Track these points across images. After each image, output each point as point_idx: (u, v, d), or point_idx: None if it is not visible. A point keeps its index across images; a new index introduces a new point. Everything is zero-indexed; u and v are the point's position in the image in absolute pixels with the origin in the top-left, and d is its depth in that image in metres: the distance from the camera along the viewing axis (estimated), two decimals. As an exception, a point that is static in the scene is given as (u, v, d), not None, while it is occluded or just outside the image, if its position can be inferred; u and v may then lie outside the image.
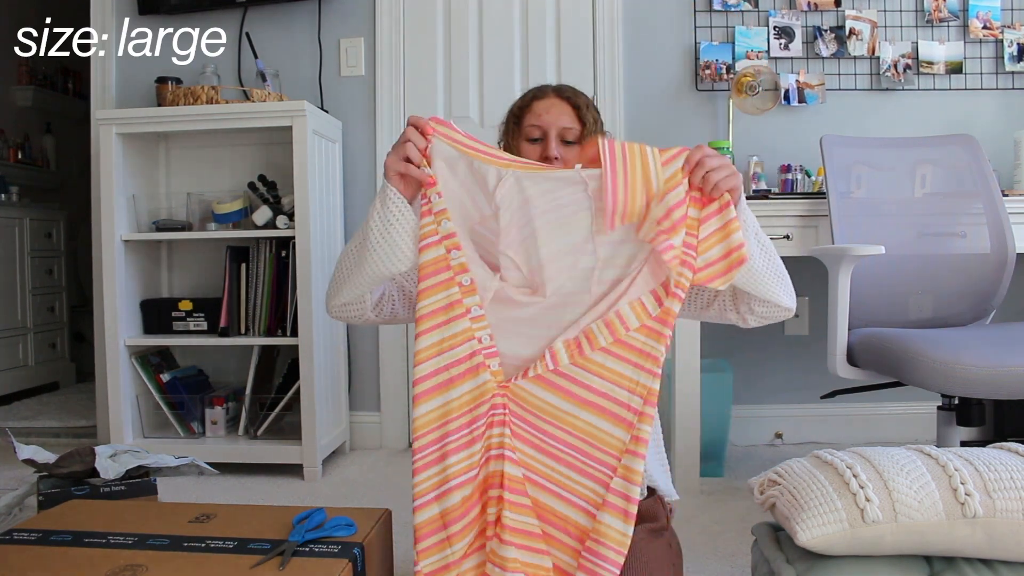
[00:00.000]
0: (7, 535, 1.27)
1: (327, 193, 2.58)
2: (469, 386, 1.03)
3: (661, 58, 2.71)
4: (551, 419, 1.03)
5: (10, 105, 4.15)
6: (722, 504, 2.10)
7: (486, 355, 1.04)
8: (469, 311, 1.04)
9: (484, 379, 1.03)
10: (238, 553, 1.16)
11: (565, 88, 1.35)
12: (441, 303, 1.04)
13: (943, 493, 0.94)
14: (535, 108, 1.32)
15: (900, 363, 1.69)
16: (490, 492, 1.03)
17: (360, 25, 2.77)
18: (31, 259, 3.83)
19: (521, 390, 1.03)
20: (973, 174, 2.10)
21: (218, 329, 2.51)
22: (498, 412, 1.04)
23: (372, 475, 2.47)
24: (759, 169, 2.54)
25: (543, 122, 1.30)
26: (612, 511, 0.99)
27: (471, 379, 1.03)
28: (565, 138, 1.30)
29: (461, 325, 1.04)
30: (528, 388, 1.03)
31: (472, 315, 1.04)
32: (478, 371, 1.03)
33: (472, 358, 1.04)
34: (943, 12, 2.64)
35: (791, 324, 2.71)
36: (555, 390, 1.02)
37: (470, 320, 1.04)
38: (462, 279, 1.05)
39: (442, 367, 1.03)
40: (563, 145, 1.30)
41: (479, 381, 1.03)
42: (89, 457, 1.74)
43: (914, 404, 2.63)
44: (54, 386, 3.99)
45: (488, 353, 1.04)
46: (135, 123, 2.47)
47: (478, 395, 1.03)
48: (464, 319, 1.04)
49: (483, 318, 1.04)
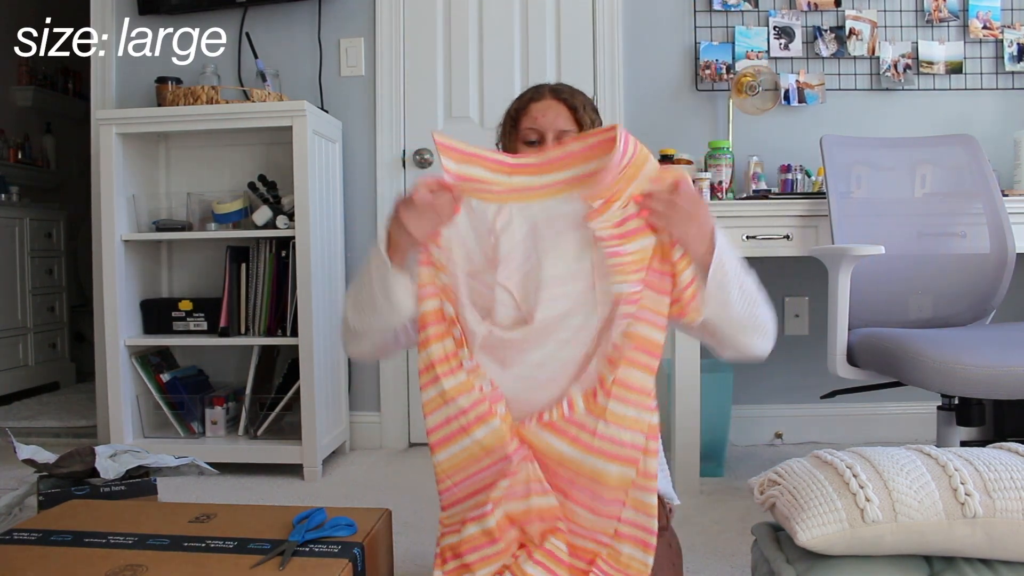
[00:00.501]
0: (7, 535, 1.27)
1: (327, 193, 2.58)
2: (482, 432, 1.02)
3: (661, 58, 2.71)
4: (557, 463, 1.03)
5: (10, 105, 4.15)
6: (722, 504, 2.10)
7: (491, 401, 1.03)
8: (462, 364, 1.04)
9: (495, 425, 1.02)
10: (238, 553, 1.16)
11: (562, 88, 1.34)
12: (438, 354, 1.04)
13: (943, 493, 0.94)
14: (531, 111, 1.31)
15: (900, 363, 1.69)
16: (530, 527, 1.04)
17: (360, 25, 2.77)
18: (31, 259, 3.83)
19: (532, 435, 1.03)
20: (973, 174, 2.10)
21: (218, 329, 2.51)
22: (523, 450, 1.03)
23: (372, 475, 2.47)
24: (759, 169, 2.54)
25: (540, 125, 1.29)
26: (630, 542, 1.01)
27: (483, 426, 1.02)
28: (562, 141, 1.29)
29: (459, 378, 1.03)
30: (540, 435, 1.03)
31: (467, 367, 1.04)
32: (487, 419, 1.02)
33: (476, 407, 1.03)
34: (943, 12, 2.64)
35: (791, 324, 2.71)
36: (564, 436, 1.02)
37: (466, 373, 1.04)
38: (455, 331, 1.05)
39: (451, 416, 1.04)
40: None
41: (491, 427, 1.02)
42: (89, 457, 1.74)
43: (914, 404, 2.63)
44: (54, 386, 3.99)
45: (493, 398, 1.03)
46: (135, 123, 2.47)
47: (496, 440, 1.02)
48: (461, 372, 1.04)
49: (477, 368, 1.04)
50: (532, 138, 1.30)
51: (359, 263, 2.77)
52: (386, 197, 2.76)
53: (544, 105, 1.31)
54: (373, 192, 2.77)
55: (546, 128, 1.29)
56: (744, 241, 2.20)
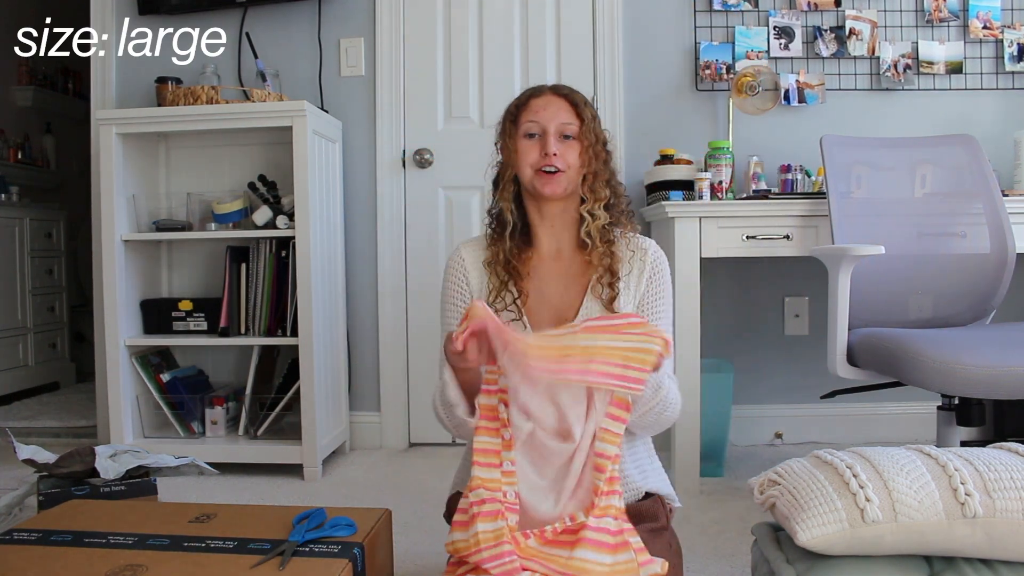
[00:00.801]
0: (7, 535, 1.27)
1: (327, 193, 2.58)
2: (489, 527, 1.05)
3: (661, 58, 2.71)
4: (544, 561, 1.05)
5: (10, 105, 4.15)
6: (722, 504, 2.10)
7: (507, 508, 1.07)
8: (501, 464, 1.10)
9: (500, 525, 1.06)
10: (238, 553, 1.17)
11: (561, 86, 1.34)
12: (487, 446, 1.11)
13: (943, 493, 0.94)
14: (532, 105, 1.31)
15: (900, 363, 1.69)
16: None
17: (360, 25, 2.77)
18: (31, 259, 3.83)
19: (530, 549, 1.06)
20: (973, 174, 2.10)
21: (218, 329, 2.51)
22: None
23: (372, 475, 2.47)
24: (759, 169, 2.54)
25: (541, 118, 1.29)
26: None
27: (489, 521, 1.06)
28: (564, 133, 1.29)
29: (494, 473, 1.10)
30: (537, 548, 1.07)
31: (504, 468, 1.09)
32: (496, 517, 1.06)
33: (491, 503, 1.07)
34: (943, 12, 2.64)
35: (791, 324, 2.71)
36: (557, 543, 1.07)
37: (501, 472, 1.09)
38: (504, 432, 1.11)
39: (475, 501, 1.09)
40: (562, 140, 1.29)
41: (497, 526, 1.06)
42: (89, 457, 1.74)
43: (914, 404, 2.63)
44: (54, 386, 3.99)
45: (509, 507, 1.08)
46: (135, 123, 2.47)
47: (497, 534, 1.06)
48: (497, 469, 1.10)
49: (513, 474, 1.09)
50: (533, 131, 1.29)
51: (359, 263, 2.78)
52: (386, 197, 2.76)
53: (545, 100, 1.31)
54: (373, 192, 2.77)
55: (548, 121, 1.29)
56: (744, 241, 2.20)
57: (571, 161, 1.28)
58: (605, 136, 1.34)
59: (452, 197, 2.77)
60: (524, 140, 1.30)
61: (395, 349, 2.78)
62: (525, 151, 1.29)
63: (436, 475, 2.41)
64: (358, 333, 2.79)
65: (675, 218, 2.19)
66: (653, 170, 2.49)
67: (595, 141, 1.31)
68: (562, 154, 1.28)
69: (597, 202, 1.31)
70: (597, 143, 1.31)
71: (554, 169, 1.27)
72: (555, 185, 1.28)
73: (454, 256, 1.39)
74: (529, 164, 1.29)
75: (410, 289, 2.78)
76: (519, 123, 1.31)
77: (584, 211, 1.31)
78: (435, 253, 2.76)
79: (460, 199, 2.76)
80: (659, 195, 2.34)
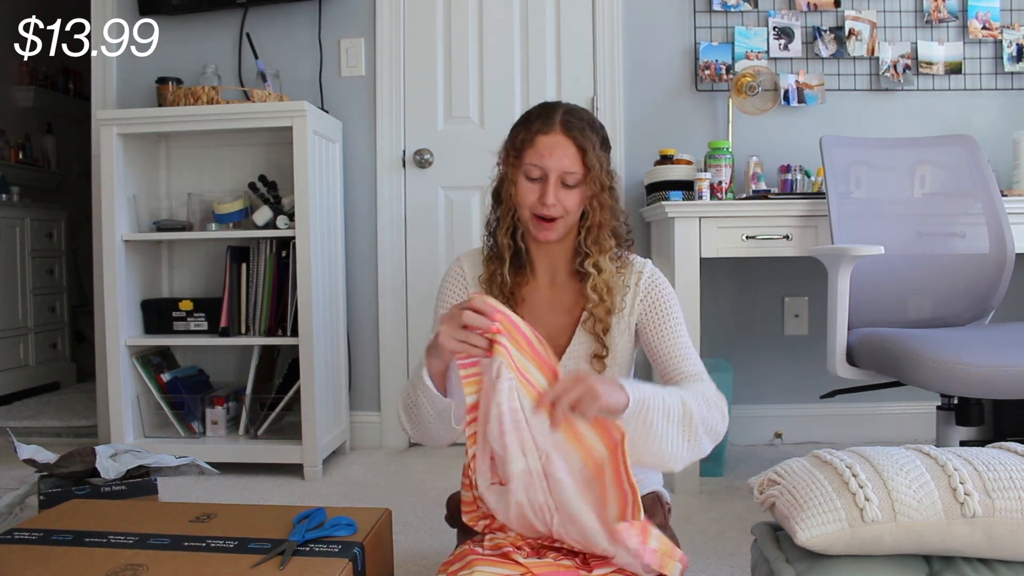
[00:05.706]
0: (8, 535, 1.27)
1: (327, 193, 2.58)
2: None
3: (661, 58, 2.71)
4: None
5: (11, 105, 4.16)
6: (722, 504, 2.10)
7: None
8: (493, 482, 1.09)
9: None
10: (238, 553, 1.17)
11: (573, 123, 1.24)
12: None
13: (942, 493, 0.94)
14: (538, 145, 1.23)
15: (900, 363, 1.69)
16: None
17: (360, 25, 2.77)
18: (32, 259, 3.83)
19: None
20: (972, 174, 2.10)
21: (218, 329, 2.51)
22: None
23: (372, 475, 2.47)
24: (759, 169, 2.54)
25: (545, 163, 1.22)
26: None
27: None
28: (566, 182, 1.23)
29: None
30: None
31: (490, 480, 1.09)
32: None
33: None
34: (942, 12, 2.64)
35: (791, 324, 2.71)
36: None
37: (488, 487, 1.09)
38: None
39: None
40: (563, 188, 1.23)
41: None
42: (90, 457, 1.74)
43: (914, 404, 2.63)
44: (55, 386, 3.99)
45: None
46: (136, 123, 2.47)
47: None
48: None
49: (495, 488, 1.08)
50: (534, 175, 1.24)
51: (359, 263, 2.78)
52: (386, 197, 2.76)
53: (552, 141, 1.22)
54: (373, 192, 2.77)
55: (551, 169, 1.22)
56: (744, 241, 2.20)
57: (570, 207, 1.24)
58: (612, 179, 1.27)
59: (452, 197, 2.77)
60: (525, 181, 1.25)
61: (395, 349, 2.78)
62: (524, 192, 1.24)
63: (436, 475, 2.42)
64: (358, 333, 2.80)
65: (675, 218, 2.19)
66: (653, 170, 2.49)
67: (600, 190, 1.24)
68: (560, 200, 1.23)
69: (602, 254, 1.26)
70: (603, 192, 1.25)
71: (551, 217, 1.24)
72: (550, 232, 1.25)
73: (454, 266, 1.38)
74: (527, 206, 1.24)
75: (410, 289, 2.78)
76: (522, 160, 1.25)
77: (589, 266, 1.26)
78: (435, 253, 2.76)
79: (460, 199, 2.77)
80: (659, 195, 2.35)
